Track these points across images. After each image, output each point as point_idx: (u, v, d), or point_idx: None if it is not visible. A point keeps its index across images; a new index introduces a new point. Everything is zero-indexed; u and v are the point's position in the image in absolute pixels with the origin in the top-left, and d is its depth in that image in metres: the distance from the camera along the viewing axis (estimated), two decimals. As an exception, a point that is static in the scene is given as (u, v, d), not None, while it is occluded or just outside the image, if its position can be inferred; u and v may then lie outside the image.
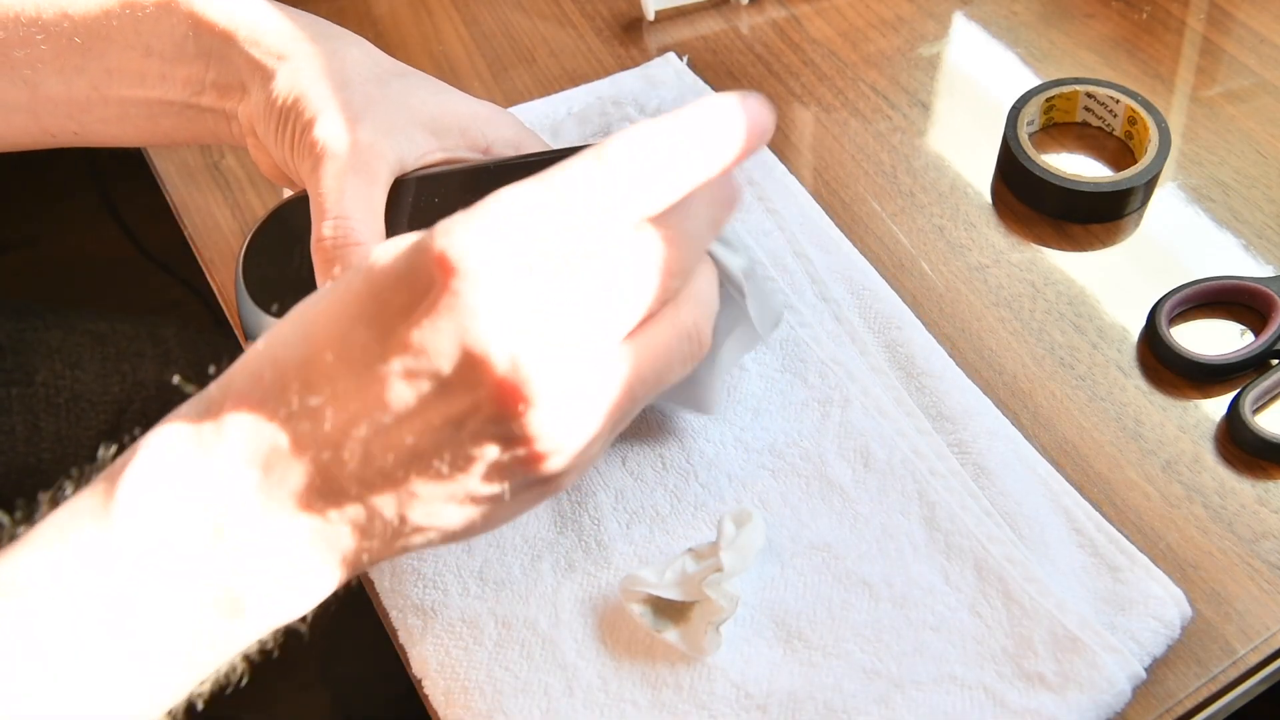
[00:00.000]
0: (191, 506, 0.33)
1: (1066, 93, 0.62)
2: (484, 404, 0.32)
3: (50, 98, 0.51)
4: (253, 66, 0.47)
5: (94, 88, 0.50)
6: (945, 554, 0.47)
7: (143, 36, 0.49)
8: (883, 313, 0.54)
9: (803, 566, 0.47)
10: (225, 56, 0.48)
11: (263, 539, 0.33)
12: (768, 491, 0.49)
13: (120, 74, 0.50)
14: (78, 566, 0.32)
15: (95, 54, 0.49)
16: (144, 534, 0.33)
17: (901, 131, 0.64)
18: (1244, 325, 0.55)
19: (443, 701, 0.45)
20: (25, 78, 0.50)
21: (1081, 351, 0.54)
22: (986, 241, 0.59)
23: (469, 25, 0.71)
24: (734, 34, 0.70)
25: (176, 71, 0.49)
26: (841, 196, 0.61)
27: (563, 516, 0.49)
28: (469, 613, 0.46)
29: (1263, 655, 0.45)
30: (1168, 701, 0.44)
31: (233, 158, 0.64)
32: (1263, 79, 0.65)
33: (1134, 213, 0.60)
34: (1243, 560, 0.47)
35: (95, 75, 0.50)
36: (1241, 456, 0.50)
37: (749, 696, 0.44)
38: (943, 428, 0.50)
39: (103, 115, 0.52)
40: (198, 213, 0.62)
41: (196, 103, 0.50)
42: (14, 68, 0.50)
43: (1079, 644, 0.43)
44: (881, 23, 0.70)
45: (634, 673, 0.45)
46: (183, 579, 0.33)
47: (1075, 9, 0.70)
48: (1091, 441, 0.51)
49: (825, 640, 0.45)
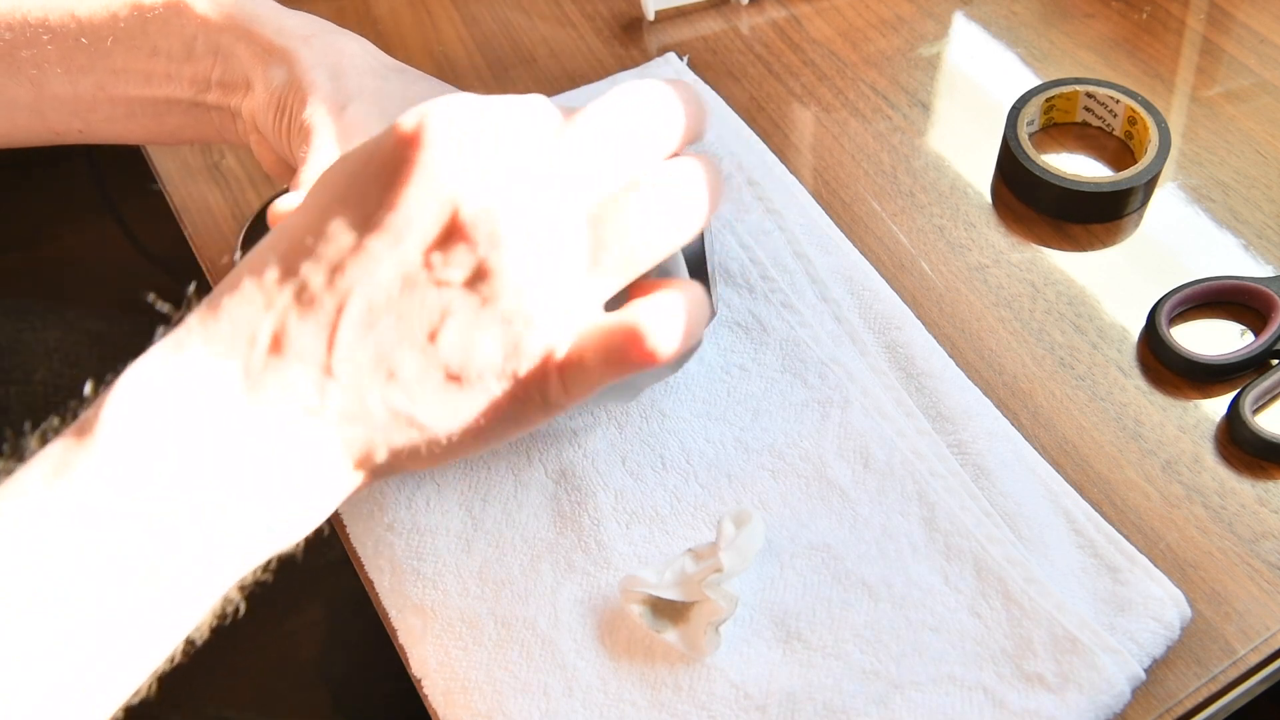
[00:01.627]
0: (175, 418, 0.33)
1: (1066, 93, 0.62)
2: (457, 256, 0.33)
3: (56, 96, 0.51)
4: (256, 61, 0.48)
5: (100, 87, 0.51)
6: (945, 555, 0.47)
7: (150, 37, 0.50)
8: (883, 313, 0.54)
9: (802, 567, 0.47)
10: (232, 54, 0.49)
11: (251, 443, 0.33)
12: (767, 492, 0.49)
13: (126, 74, 0.50)
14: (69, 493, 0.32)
15: (101, 54, 0.50)
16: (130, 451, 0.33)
17: (901, 131, 0.64)
18: (1244, 325, 0.55)
19: (442, 701, 0.45)
20: (31, 77, 0.51)
21: (1081, 351, 0.54)
22: (986, 241, 0.59)
23: (469, 25, 0.71)
24: (734, 34, 0.70)
25: (183, 70, 0.50)
26: (841, 196, 0.61)
27: (563, 516, 0.49)
28: (468, 613, 0.46)
29: (1263, 655, 0.45)
30: (1168, 702, 0.44)
31: (232, 158, 0.64)
32: (1263, 79, 0.65)
33: (1134, 213, 0.60)
34: (1243, 560, 0.47)
35: (101, 75, 0.51)
36: (1241, 456, 0.50)
37: (748, 697, 0.44)
38: (943, 428, 0.50)
39: (109, 114, 0.52)
40: (198, 213, 0.62)
41: (202, 100, 0.50)
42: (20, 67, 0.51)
43: (1078, 645, 0.43)
44: (881, 23, 0.70)
45: (633, 673, 0.45)
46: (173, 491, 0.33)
47: (1075, 9, 0.70)
48: (1091, 441, 0.51)
49: (825, 641, 0.45)
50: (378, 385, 0.34)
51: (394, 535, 0.49)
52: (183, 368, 0.34)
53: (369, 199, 0.34)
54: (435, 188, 0.33)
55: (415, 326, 0.34)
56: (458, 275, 0.34)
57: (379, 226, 0.33)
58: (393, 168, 0.34)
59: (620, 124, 0.36)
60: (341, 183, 0.35)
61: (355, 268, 0.33)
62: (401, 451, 0.36)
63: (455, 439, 0.36)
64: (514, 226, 0.33)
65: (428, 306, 0.34)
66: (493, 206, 0.33)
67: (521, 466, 0.51)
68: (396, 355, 0.34)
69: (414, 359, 0.34)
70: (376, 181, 0.34)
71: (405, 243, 0.33)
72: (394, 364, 0.34)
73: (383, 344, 0.34)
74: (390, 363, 0.34)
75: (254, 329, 0.34)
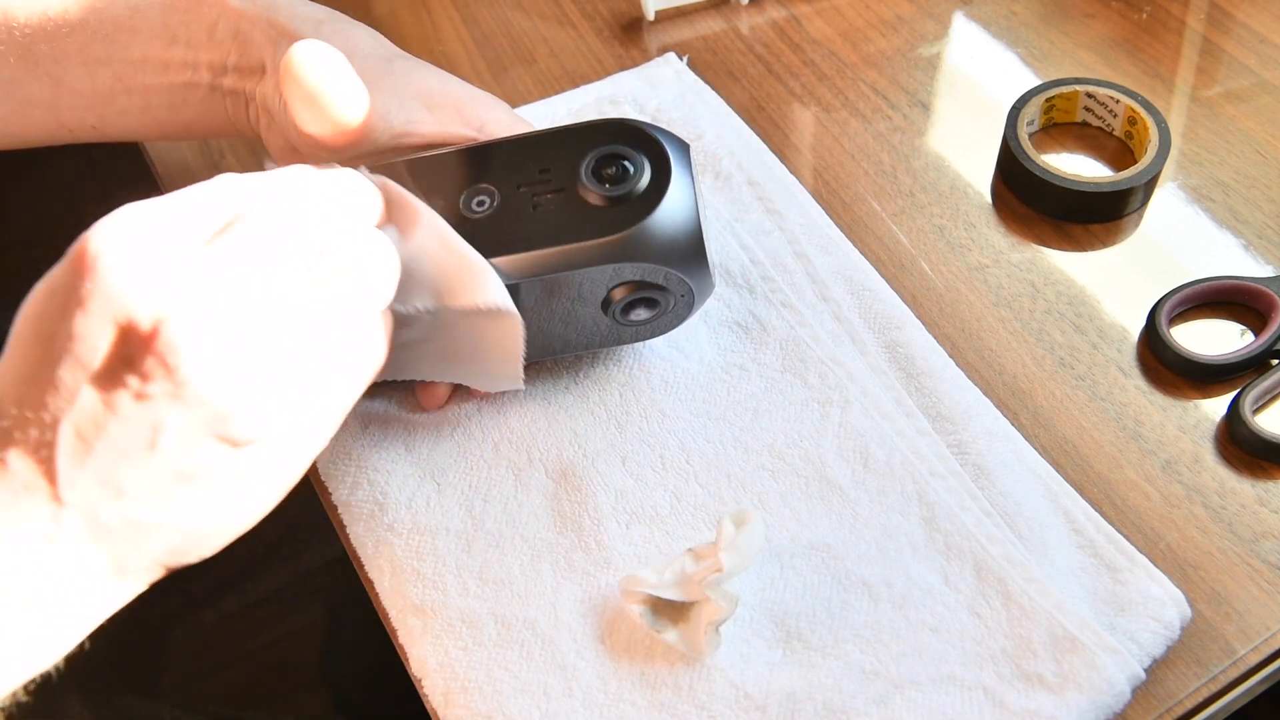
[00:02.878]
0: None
1: (1066, 93, 0.62)
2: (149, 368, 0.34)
3: (73, 91, 0.52)
4: (270, 44, 0.49)
5: (117, 79, 0.52)
6: (945, 554, 0.47)
7: (170, 26, 0.50)
8: (883, 313, 0.54)
9: (802, 567, 0.47)
10: (250, 38, 0.50)
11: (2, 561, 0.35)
12: (767, 492, 0.49)
13: (144, 63, 0.51)
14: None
15: (120, 45, 0.51)
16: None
17: (901, 131, 0.64)
18: (1244, 325, 0.55)
19: (442, 702, 0.45)
20: (49, 72, 0.51)
21: (1081, 351, 0.54)
22: (986, 241, 0.59)
23: (469, 25, 0.71)
24: (734, 34, 0.70)
25: (201, 57, 0.51)
26: (841, 196, 0.61)
27: (563, 516, 0.49)
28: (468, 613, 0.46)
29: (1263, 655, 0.45)
30: (1168, 702, 0.44)
31: (232, 157, 0.64)
32: (1263, 79, 0.65)
33: (1134, 213, 0.60)
34: (1243, 560, 0.47)
35: (119, 66, 0.51)
36: (1241, 456, 0.50)
37: (748, 697, 0.44)
38: (942, 428, 0.50)
39: (124, 106, 0.53)
40: (197, 213, 0.62)
41: (219, 85, 0.51)
42: (38, 63, 0.52)
43: (1078, 645, 0.43)
44: (881, 23, 0.70)
45: (633, 673, 0.45)
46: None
47: (1075, 9, 0.70)
48: (1091, 441, 0.51)
49: (824, 641, 0.45)
50: (111, 503, 0.35)
51: (394, 535, 0.49)
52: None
53: (55, 333, 0.35)
54: (107, 309, 0.34)
55: (131, 444, 0.35)
56: (156, 389, 0.35)
57: (66, 358, 0.35)
58: (66, 297, 0.35)
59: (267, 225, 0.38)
60: (32, 318, 0.36)
61: (55, 401, 0.35)
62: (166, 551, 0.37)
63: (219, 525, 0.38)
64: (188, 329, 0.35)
65: (137, 422, 0.35)
66: (165, 314, 0.34)
67: (521, 466, 0.51)
68: (120, 474, 0.35)
69: (140, 474, 0.35)
70: (59, 315, 0.35)
71: (94, 368, 0.34)
72: (120, 482, 0.35)
73: (103, 467, 0.35)
74: (117, 482, 0.35)
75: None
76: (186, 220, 0.37)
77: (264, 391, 0.36)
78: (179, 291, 0.35)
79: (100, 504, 0.35)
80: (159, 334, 0.34)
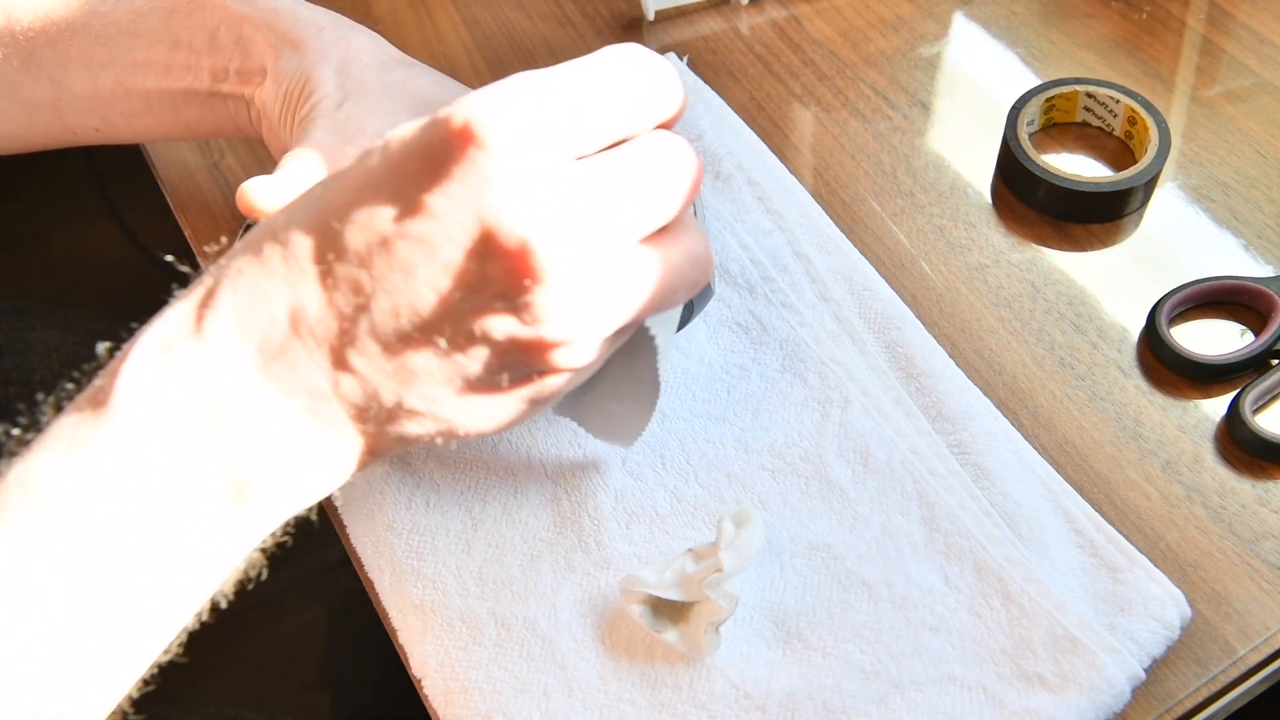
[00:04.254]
0: (189, 390, 0.33)
1: (1066, 93, 0.62)
2: (492, 277, 0.31)
3: (76, 93, 0.52)
4: (270, 49, 0.49)
5: (119, 82, 0.52)
6: (945, 555, 0.47)
7: (172, 30, 0.50)
8: (883, 313, 0.54)
9: (802, 567, 0.47)
10: (251, 43, 0.50)
11: (263, 418, 0.33)
12: (767, 492, 0.49)
13: (147, 67, 0.51)
14: (85, 467, 0.32)
15: (123, 49, 0.51)
16: (145, 424, 0.32)
17: (901, 131, 0.64)
18: (1244, 325, 0.55)
19: (442, 701, 0.45)
20: (52, 75, 0.52)
21: (1081, 351, 0.54)
22: (986, 241, 0.59)
23: (469, 25, 0.71)
24: (734, 34, 0.70)
25: (203, 61, 0.51)
26: (841, 196, 0.61)
27: (563, 517, 0.49)
28: (468, 613, 0.46)
29: (1263, 655, 0.45)
30: (1168, 702, 0.44)
31: (232, 157, 0.64)
32: (1263, 79, 0.65)
33: (1134, 213, 0.60)
34: (1243, 560, 0.47)
35: (121, 70, 0.51)
36: (1241, 456, 0.50)
37: (748, 697, 0.44)
38: (942, 428, 0.50)
39: (126, 109, 0.53)
40: (197, 213, 0.62)
41: (219, 90, 0.51)
42: (41, 66, 0.52)
43: (1078, 645, 0.43)
44: (881, 23, 0.70)
45: (633, 673, 0.45)
46: (188, 464, 0.33)
47: (1075, 9, 0.70)
48: (1091, 441, 0.51)
49: (825, 641, 0.45)
50: (394, 384, 0.33)
51: (394, 535, 0.49)
52: (199, 338, 0.33)
53: (405, 196, 0.32)
54: (478, 199, 0.31)
55: (443, 338, 0.32)
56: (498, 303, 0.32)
57: (413, 234, 0.31)
58: (434, 167, 0.31)
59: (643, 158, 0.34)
60: (382, 173, 0.32)
61: (382, 259, 0.32)
62: (412, 438, 0.36)
63: (472, 432, 0.36)
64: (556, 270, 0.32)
65: (458, 321, 0.32)
66: (537, 237, 0.31)
67: (521, 466, 0.51)
68: (419, 361, 0.33)
69: (438, 368, 0.33)
70: (416, 180, 0.32)
71: (438, 245, 0.31)
72: (415, 368, 0.33)
73: (405, 348, 0.33)
74: (411, 366, 0.33)
75: (272, 305, 0.33)
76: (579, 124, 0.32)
77: (598, 329, 0.34)
78: (557, 213, 0.31)
79: (385, 382, 0.33)
80: (526, 255, 0.31)
